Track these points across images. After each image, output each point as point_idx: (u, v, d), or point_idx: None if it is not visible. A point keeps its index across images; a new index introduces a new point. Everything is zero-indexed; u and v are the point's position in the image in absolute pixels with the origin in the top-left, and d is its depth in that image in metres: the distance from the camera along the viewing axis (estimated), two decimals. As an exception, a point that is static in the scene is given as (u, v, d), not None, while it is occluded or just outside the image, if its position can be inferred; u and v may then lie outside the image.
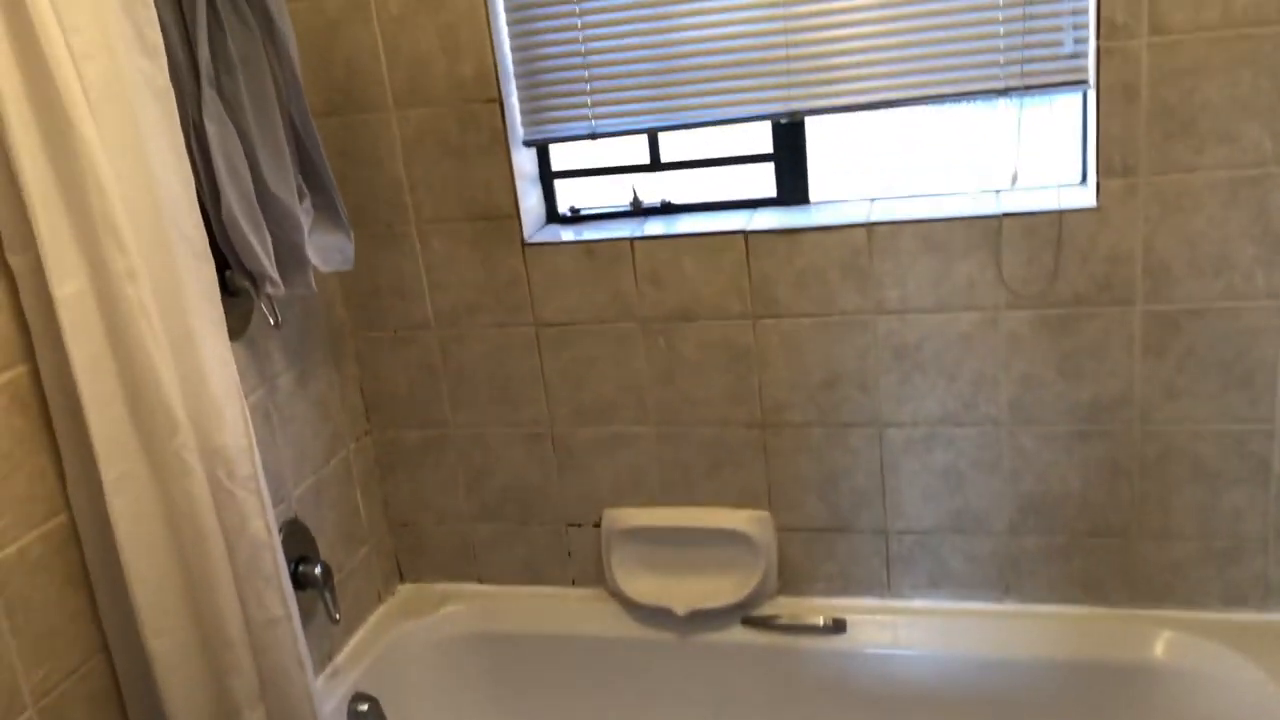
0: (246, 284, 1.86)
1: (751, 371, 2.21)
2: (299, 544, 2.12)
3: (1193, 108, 1.85)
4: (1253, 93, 1.82)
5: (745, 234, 2.13)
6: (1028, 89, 1.96)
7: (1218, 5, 1.79)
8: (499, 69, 2.15)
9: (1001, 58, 1.95)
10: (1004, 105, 2.02)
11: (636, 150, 2.30)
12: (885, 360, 2.13)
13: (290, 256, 1.90)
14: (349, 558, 2.36)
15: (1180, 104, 1.85)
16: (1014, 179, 2.03)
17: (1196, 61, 1.82)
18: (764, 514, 2.28)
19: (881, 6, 1.97)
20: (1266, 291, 1.92)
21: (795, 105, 2.07)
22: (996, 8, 1.93)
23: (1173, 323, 1.97)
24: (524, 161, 2.27)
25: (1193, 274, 1.94)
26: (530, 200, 2.30)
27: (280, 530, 1.96)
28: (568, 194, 2.39)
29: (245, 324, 2.00)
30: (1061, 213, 1.96)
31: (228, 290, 1.82)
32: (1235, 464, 2.02)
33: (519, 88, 2.20)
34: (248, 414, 1.64)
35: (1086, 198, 1.97)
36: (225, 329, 1.63)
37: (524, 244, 2.25)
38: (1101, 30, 1.85)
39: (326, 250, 2.00)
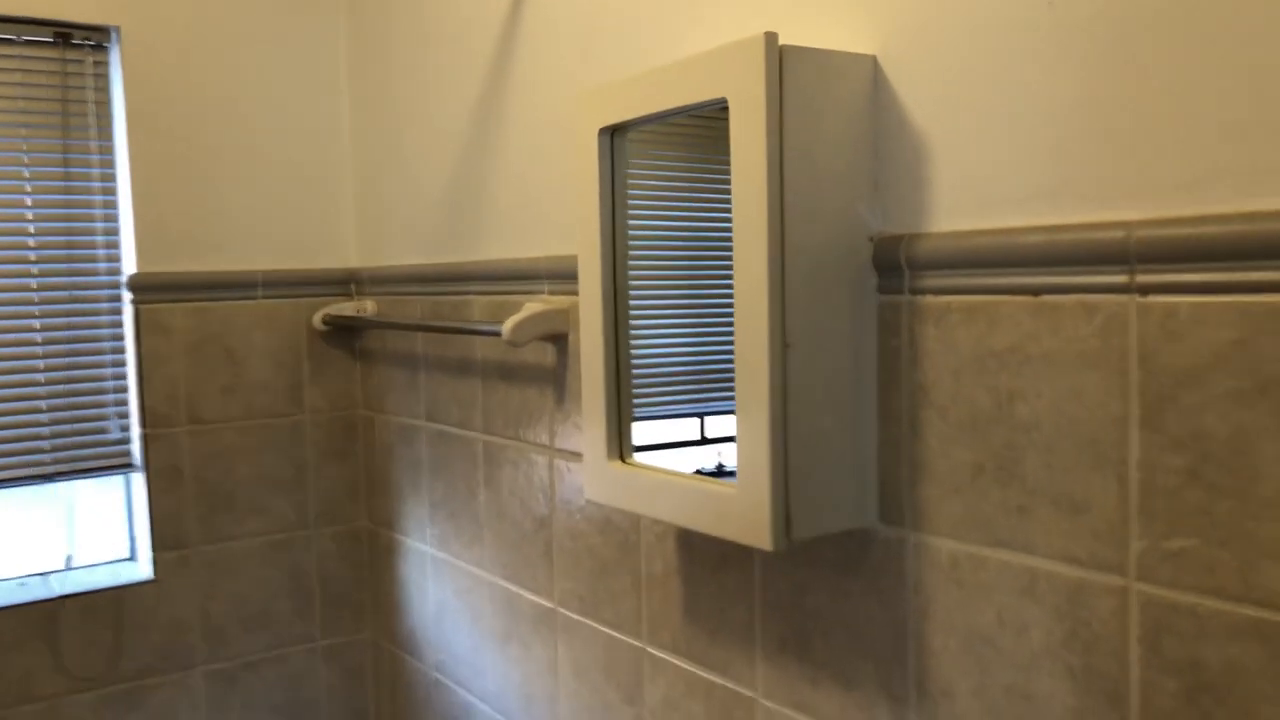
0: None
1: None
2: None
3: (231, 485, 2.13)
4: (275, 471, 2.18)
5: None
6: (75, 473, 2.03)
7: (242, 401, 2.13)
8: None
9: (47, 444, 2.00)
10: (53, 489, 2.04)
11: None
12: (-74, 780, 1.86)
13: None
14: None
15: (221, 482, 2.12)
16: (69, 561, 2.04)
17: (230, 446, 2.13)
18: None
19: (-90, 392, 1.87)
20: (303, 638, 2.23)
21: None
22: (39, 397, 1.99)
23: (231, 679, 2.14)
24: None
25: (244, 631, 2.15)
26: None
27: None
28: None
29: None
30: (121, 589, 2.03)
31: None
32: (295, 800, 2.23)
33: None
34: None
35: (143, 572, 2.08)
36: None
37: None
38: (146, 419, 2.04)
39: None
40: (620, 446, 1.28)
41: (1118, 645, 0.89)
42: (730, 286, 1.09)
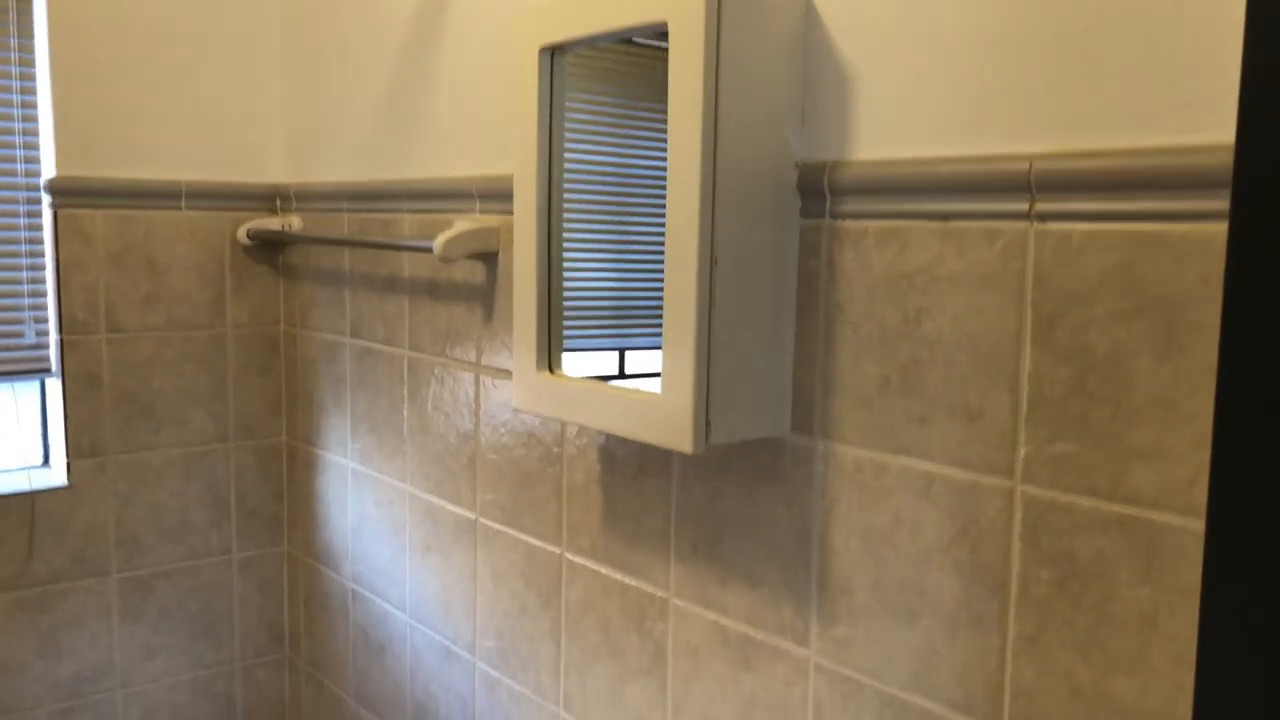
0: None
1: None
2: None
3: (149, 395, 2.13)
4: (195, 383, 2.18)
5: None
6: (-11, 376, 2.01)
7: (162, 312, 2.12)
8: None
9: (-40, 345, 1.97)
10: (-36, 391, 2.01)
11: None
12: None
13: None
14: None
15: (139, 391, 2.11)
16: (-19, 464, 2.02)
17: (150, 356, 2.12)
18: None
19: None
20: (219, 549, 2.25)
21: None
22: (-48, 297, 1.96)
23: (146, 586, 2.16)
24: None
25: (160, 540, 2.17)
26: None
27: None
28: None
29: None
30: (34, 494, 2.02)
31: None
32: (206, 706, 2.26)
33: None
34: None
35: (57, 478, 2.07)
36: None
37: None
38: (64, 325, 2.02)
39: None
40: (549, 358, 1.33)
41: (1001, 540, 0.98)
42: (655, 224, 1.14)
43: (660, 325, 1.13)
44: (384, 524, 1.97)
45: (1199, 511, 0.83)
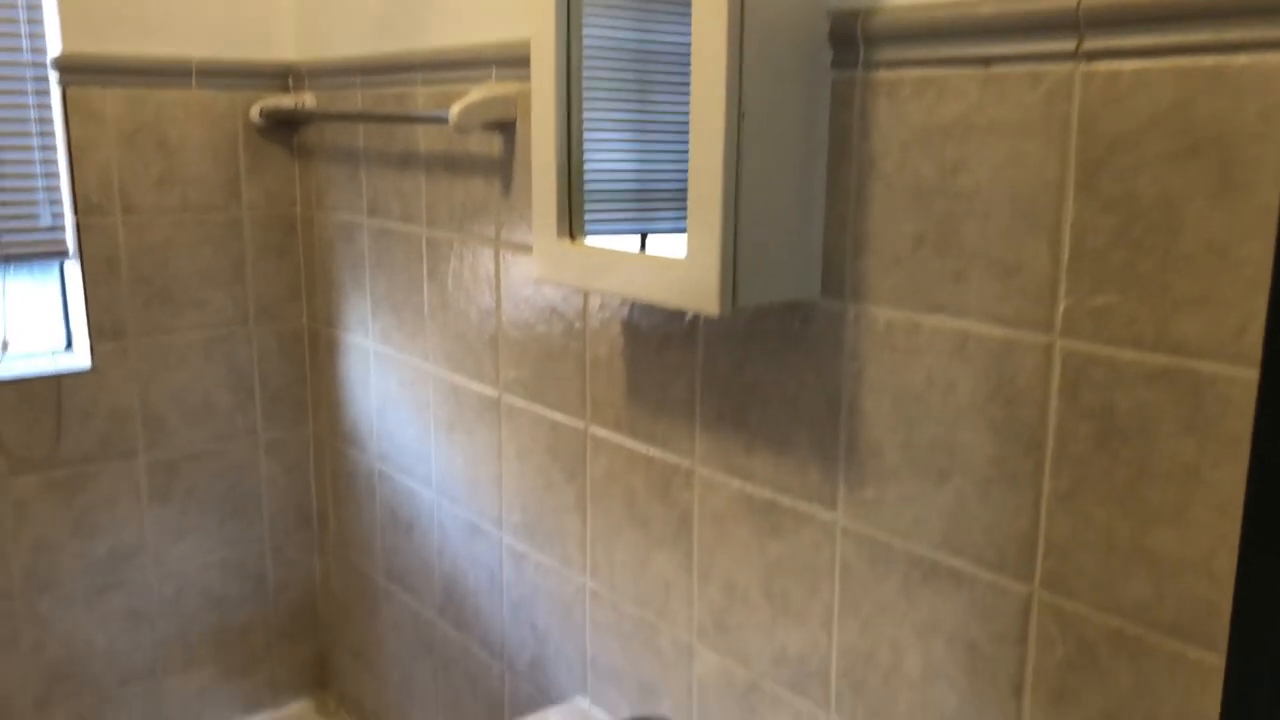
0: None
1: None
2: None
3: (168, 278, 2.11)
4: (213, 266, 2.16)
5: None
6: (8, 259, 1.99)
7: (177, 194, 2.09)
8: None
9: (-24, 228, 1.95)
10: (-17, 274, 2.00)
11: None
12: None
13: None
14: None
15: (157, 274, 2.10)
16: (4, 347, 2.02)
17: (166, 239, 2.10)
18: None
19: None
20: (245, 430, 2.26)
21: None
22: (-35, 179, 1.93)
23: (173, 468, 2.18)
24: None
25: (185, 423, 2.18)
26: None
27: None
28: None
29: None
30: (59, 377, 2.02)
31: None
32: (237, 584, 2.30)
33: None
34: None
35: (81, 361, 2.07)
36: None
37: None
38: (78, 206, 2.00)
39: None
40: (570, 225, 1.30)
41: (1039, 397, 0.95)
42: (679, 107, 1.09)
43: (684, 208, 1.09)
44: (408, 404, 1.96)
45: (1250, 359, 0.80)
